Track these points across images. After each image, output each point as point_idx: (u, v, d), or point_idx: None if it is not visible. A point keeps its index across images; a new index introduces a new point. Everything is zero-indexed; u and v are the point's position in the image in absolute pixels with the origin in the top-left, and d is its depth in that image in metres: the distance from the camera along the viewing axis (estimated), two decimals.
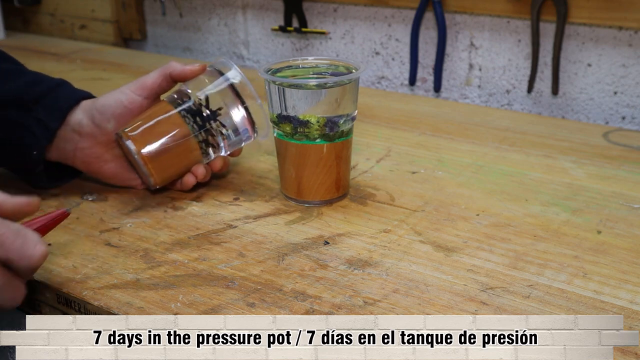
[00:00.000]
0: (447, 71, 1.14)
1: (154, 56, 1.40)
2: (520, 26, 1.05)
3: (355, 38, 1.21)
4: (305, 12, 1.24)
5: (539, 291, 0.57)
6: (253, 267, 0.61)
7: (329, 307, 0.55)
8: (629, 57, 0.98)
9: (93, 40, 1.51)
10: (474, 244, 0.65)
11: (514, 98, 1.09)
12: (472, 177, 0.80)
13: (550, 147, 0.88)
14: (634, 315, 0.54)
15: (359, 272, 0.60)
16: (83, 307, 0.57)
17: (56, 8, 1.56)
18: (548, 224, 0.69)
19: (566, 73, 1.03)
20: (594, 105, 1.03)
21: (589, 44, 1.01)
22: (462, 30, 1.10)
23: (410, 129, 0.96)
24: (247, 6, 1.33)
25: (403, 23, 1.15)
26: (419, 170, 0.81)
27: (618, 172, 0.81)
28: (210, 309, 0.55)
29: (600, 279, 0.59)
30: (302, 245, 0.65)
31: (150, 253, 0.63)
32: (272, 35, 1.31)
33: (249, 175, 0.80)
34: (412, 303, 0.56)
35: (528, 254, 0.63)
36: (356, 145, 0.89)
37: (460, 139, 0.92)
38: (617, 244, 0.65)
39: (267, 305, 0.55)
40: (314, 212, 0.71)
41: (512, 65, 1.08)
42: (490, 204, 0.73)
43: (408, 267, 0.61)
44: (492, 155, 0.86)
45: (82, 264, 0.61)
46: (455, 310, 0.55)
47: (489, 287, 0.58)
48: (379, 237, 0.66)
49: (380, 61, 1.20)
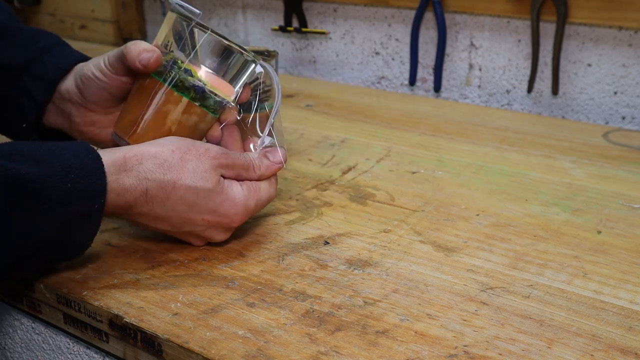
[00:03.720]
0: (447, 71, 1.14)
1: None
2: (520, 26, 1.05)
3: (355, 38, 1.21)
4: (305, 12, 1.24)
5: (539, 291, 0.57)
6: (253, 267, 0.61)
7: (329, 307, 0.55)
8: (629, 57, 0.98)
9: (93, 40, 1.51)
10: (474, 244, 0.65)
11: (514, 98, 1.09)
12: (472, 177, 0.80)
13: (550, 147, 0.88)
14: (634, 315, 0.54)
15: (359, 272, 0.60)
16: (83, 307, 0.57)
17: (56, 8, 1.56)
18: (548, 224, 0.69)
19: (566, 73, 1.03)
20: (594, 105, 1.03)
21: (589, 44, 1.01)
22: (462, 30, 1.10)
23: (410, 129, 0.96)
24: (247, 6, 1.33)
25: (403, 23, 1.15)
26: (419, 170, 0.81)
27: (618, 172, 0.81)
28: (210, 309, 0.55)
29: (600, 279, 0.59)
30: (302, 245, 0.65)
31: (150, 253, 0.63)
32: (272, 35, 1.31)
33: None
34: (412, 303, 0.56)
35: (528, 254, 0.63)
36: (356, 145, 0.89)
37: (460, 139, 0.92)
38: (617, 244, 0.65)
39: (267, 305, 0.55)
40: (314, 212, 0.71)
41: (512, 65, 1.08)
42: (490, 204, 0.73)
43: (408, 267, 0.61)
44: (492, 155, 0.86)
45: (82, 264, 0.61)
46: (455, 310, 0.55)
47: (489, 287, 0.58)
48: (379, 237, 0.66)
49: (380, 61, 1.20)
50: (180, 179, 0.58)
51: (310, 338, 0.51)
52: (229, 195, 0.60)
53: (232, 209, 0.61)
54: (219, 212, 0.60)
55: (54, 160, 0.53)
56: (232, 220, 0.61)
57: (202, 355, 0.50)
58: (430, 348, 0.50)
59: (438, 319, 0.54)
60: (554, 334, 0.52)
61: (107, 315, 0.55)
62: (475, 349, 0.50)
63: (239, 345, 0.50)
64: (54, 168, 0.53)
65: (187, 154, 0.59)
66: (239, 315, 0.54)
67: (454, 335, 0.52)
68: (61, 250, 0.55)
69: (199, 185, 0.58)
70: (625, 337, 0.52)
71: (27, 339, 0.66)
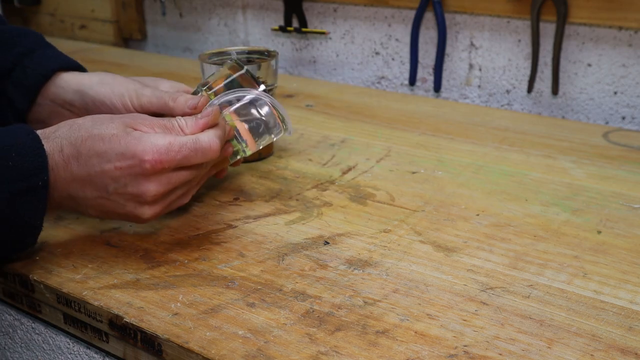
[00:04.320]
0: (447, 71, 1.14)
1: (154, 56, 1.40)
2: (520, 26, 1.05)
3: (355, 38, 1.21)
4: (305, 12, 1.24)
5: (539, 291, 0.57)
6: (253, 267, 0.61)
7: (329, 307, 0.55)
8: (629, 57, 0.98)
9: (93, 40, 1.51)
10: (474, 244, 0.65)
11: (514, 98, 1.09)
12: (472, 177, 0.80)
13: (550, 147, 0.88)
14: (634, 315, 0.54)
15: (359, 272, 0.60)
16: (83, 307, 0.57)
17: (56, 8, 1.56)
18: (548, 224, 0.69)
19: (566, 73, 1.03)
20: (594, 105, 1.03)
21: (589, 44, 1.01)
22: (462, 30, 1.10)
23: (410, 129, 0.96)
24: (247, 6, 1.33)
25: (403, 23, 1.15)
26: (419, 170, 0.81)
27: (618, 172, 0.81)
28: (210, 309, 0.55)
29: (600, 279, 0.59)
30: (302, 245, 0.65)
31: (150, 253, 0.63)
32: (272, 36, 1.31)
33: (249, 175, 0.80)
34: (412, 303, 0.56)
35: (528, 254, 0.63)
36: (356, 145, 0.89)
37: (460, 139, 0.92)
38: (617, 244, 0.65)
39: (267, 305, 0.55)
40: (314, 212, 0.71)
41: (512, 65, 1.08)
42: (490, 204, 0.73)
43: (408, 267, 0.61)
44: (492, 155, 0.86)
45: (82, 264, 0.61)
46: (455, 310, 0.55)
47: (489, 287, 0.58)
48: (379, 237, 0.66)
49: (380, 61, 1.20)
50: (87, 132, 0.58)
51: (310, 338, 0.51)
52: (136, 135, 0.58)
53: (139, 145, 0.57)
54: (127, 154, 0.57)
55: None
56: (142, 160, 0.57)
57: (202, 355, 0.50)
58: (430, 348, 0.50)
59: (438, 319, 0.54)
60: (554, 334, 0.52)
61: (107, 315, 0.55)
62: (475, 349, 0.50)
63: (239, 345, 0.50)
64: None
65: (100, 117, 0.60)
66: (239, 315, 0.54)
67: (454, 335, 0.52)
68: (11, 230, 0.56)
69: (103, 131, 0.58)
70: (625, 337, 0.52)
71: (27, 339, 0.66)
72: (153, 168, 0.58)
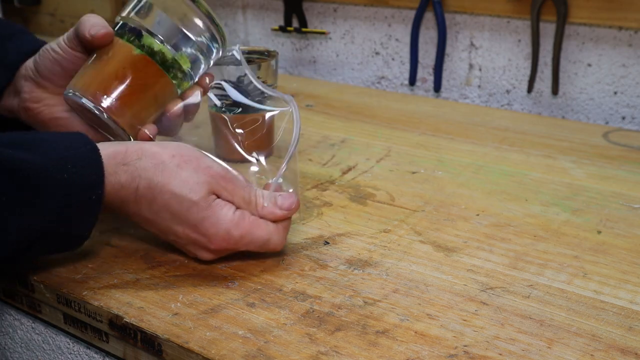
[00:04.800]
0: (447, 71, 1.14)
1: None
2: (520, 26, 1.05)
3: (355, 38, 1.21)
4: (305, 12, 1.24)
5: (539, 291, 0.57)
6: (253, 267, 0.61)
7: (329, 307, 0.55)
8: (629, 57, 0.98)
9: None
10: (474, 244, 0.65)
11: (514, 98, 1.09)
12: (472, 177, 0.80)
13: (550, 147, 0.88)
14: (634, 315, 0.54)
15: (359, 272, 0.60)
16: (83, 307, 0.57)
17: (56, 8, 1.56)
18: (548, 224, 0.69)
19: (566, 73, 1.03)
20: (594, 105, 1.03)
21: (589, 44, 1.01)
22: (462, 30, 1.10)
23: (410, 129, 0.96)
24: (247, 6, 1.33)
25: (403, 23, 1.15)
26: (419, 170, 0.81)
27: (618, 172, 0.81)
28: (210, 308, 0.55)
29: (600, 279, 0.59)
30: (302, 245, 0.65)
31: (150, 253, 0.63)
32: (272, 36, 1.31)
33: None
34: (412, 303, 0.56)
35: (528, 254, 0.63)
36: (356, 145, 0.89)
37: (460, 139, 0.92)
38: (617, 244, 0.65)
39: (267, 305, 0.55)
40: (314, 212, 0.71)
41: (512, 65, 1.08)
42: (490, 204, 0.73)
43: (408, 267, 0.61)
44: (492, 155, 0.86)
45: (82, 264, 0.61)
46: (455, 310, 0.55)
47: (489, 287, 0.58)
48: (379, 237, 0.66)
49: (380, 61, 1.20)
50: (169, 184, 0.56)
51: (310, 338, 0.51)
52: (214, 213, 0.57)
53: (212, 228, 0.57)
54: (199, 229, 0.57)
55: (50, 150, 0.53)
56: (209, 241, 0.58)
57: (202, 355, 0.50)
58: (430, 348, 0.50)
59: (438, 319, 0.54)
60: (554, 334, 0.52)
61: (107, 315, 0.55)
62: (475, 349, 0.50)
63: (239, 345, 0.50)
64: (50, 158, 0.52)
65: (186, 163, 0.57)
66: (239, 315, 0.54)
67: (454, 335, 0.52)
68: (59, 241, 0.55)
69: (184, 194, 0.56)
70: (625, 337, 0.52)
71: (27, 339, 0.66)
72: (217, 251, 0.59)
